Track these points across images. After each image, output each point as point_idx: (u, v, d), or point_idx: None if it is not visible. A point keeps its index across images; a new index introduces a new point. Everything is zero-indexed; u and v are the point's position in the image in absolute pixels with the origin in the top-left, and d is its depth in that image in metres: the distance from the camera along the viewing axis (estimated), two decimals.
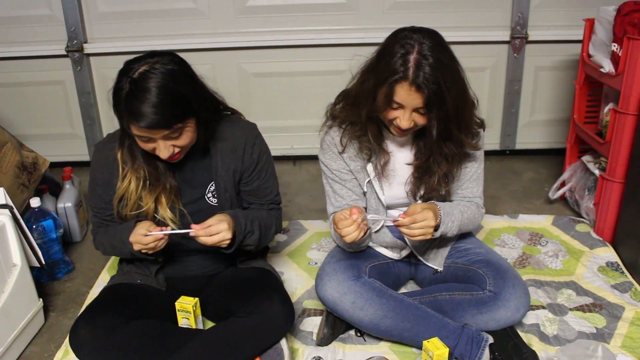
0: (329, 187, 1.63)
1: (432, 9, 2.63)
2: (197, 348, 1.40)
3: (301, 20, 2.66)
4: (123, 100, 1.32)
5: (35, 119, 2.84)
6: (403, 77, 1.32)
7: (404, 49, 1.33)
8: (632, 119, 1.89)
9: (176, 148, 1.39)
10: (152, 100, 1.29)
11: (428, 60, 1.31)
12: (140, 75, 1.31)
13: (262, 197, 1.63)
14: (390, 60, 1.34)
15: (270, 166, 1.63)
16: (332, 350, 1.57)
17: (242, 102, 2.81)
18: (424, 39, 1.34)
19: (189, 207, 1.54)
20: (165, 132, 1.34)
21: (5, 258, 1.61)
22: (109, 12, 2.66)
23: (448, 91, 1.33)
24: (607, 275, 1.86)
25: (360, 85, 1.45)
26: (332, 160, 1.59)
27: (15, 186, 1.95)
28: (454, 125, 1.42)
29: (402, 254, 1.68)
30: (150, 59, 1.34)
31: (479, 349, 1.44)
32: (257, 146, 1.57)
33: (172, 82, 1.32)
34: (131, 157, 1.47)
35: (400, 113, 1.38)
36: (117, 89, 1.33)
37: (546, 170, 2.73)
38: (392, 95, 1.35)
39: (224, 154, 1.53)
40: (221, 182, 1.54)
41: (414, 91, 1.33)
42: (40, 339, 1.71)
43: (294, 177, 2.77)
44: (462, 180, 1.60)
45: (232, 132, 1.54)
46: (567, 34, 2.60)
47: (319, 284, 1.56)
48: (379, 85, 1.37)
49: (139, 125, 1.31)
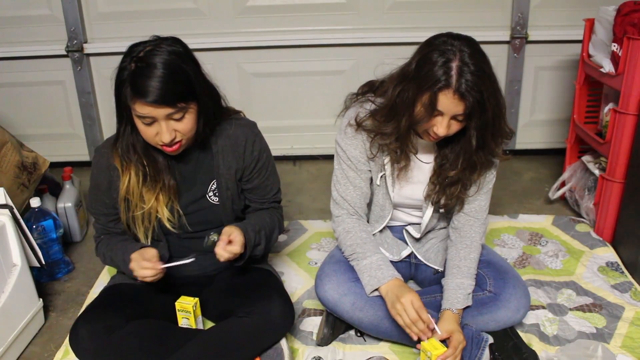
0: (340, 173, 1.58)
1: (432, 9, 2.63)
2: (196, 348, 1.40)
3: (301, 20, 2.66)
4: (128, 78, 1.31)
5: (35, 119, 2.84)
6: (446, 85, 1.30)
7: (445, 56, 1.31)
8: (632, 119, 1.89)
9: (177, 133, 1.38)
10: (159, 74, 1.30)
11: (470, 68, 1.30)
12: (146, 53, 1.32)
13: (263, 195, 1.62)
14: (431, 68, 1.31)
15: (271, 164, 1.62)
16: (332, 350, 1.57)
17: (242, 102, 2.80)
18: (464, 47, 1.32)
19: (190, 206, 1.54)
20: (169, 110, 1.33)
21: (5, 258, 1.61)
22: (109, 12, 2.66)
23: (488, 100, 1.32)
24: (607, 275, 1.86)
25: (399, 96, 1.40)
26: (353, 146, 1.53)
27: (15, 186, 1.95)
28: (490, 134, 1.41)
29: (403, 254, 1.67)
30: (155, 40, 1.37)
31: (479, 349, 1.44)
32: (257, 144, 1.56)
33: (177, 60, 1.34)
34: (130, 151, 1.45)
35: (439, 120, 1.36)
36: (122, 68, 1.34)
37: (546, 170, 2.73)
38: (435, 104, 1.32)
39: (225, 152, 1.53)
40: (223, 180, 1.54)
41: (457, 99, 1.31)
42: (40, 339, 1.71)
43: (294, 177, 2.76)
44: (478, 191, 1.56)
45: (233, 131, 1.54)
46: (567, 34, 2.60)
47: (318, 285, 1.56)
48: (420, 94, 1.34)
49: (145, 100, 1.30)
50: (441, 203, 1.54)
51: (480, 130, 1.39)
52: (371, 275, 1.49)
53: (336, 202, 1.60)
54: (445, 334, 1.41)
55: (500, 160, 1.54)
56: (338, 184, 1.59)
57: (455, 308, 1.47)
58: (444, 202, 1.54)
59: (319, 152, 2.90)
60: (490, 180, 1.57)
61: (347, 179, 1.56)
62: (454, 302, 1.48)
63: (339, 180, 1.58)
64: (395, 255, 1.66)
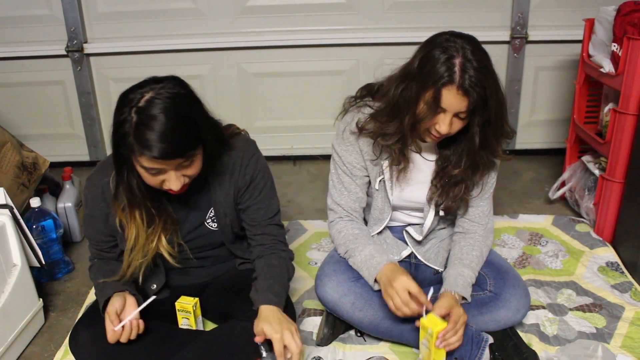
0: (336, 178, 1.59)
1: (432, 9, 2.63)
2: (197, 350, 1.40)
3: (301, 20, 2.66)
4: (132, 132, 1.21)
5: (35, 119, 2.84)
6: (449, 81, 1.30)
7: (447, 53, 1.31)
8: (632, 119, 1.89)
9: (186, 178, 1.31)
10: (165, 127, 1.20)
11: (473, 65, 1.30)
12: (147, 102, 1.21)
13: (254, 218, 1.53)
14: (434, 65, 1.31)
15: (267, 185, 1.52)
16: (332, 350, 1.57)
17: (242, 102, 2.81)
18: (466, 44, 1.32)
19: (189, 235, 1.50)
20: (180, 160, 1.25)
21: (5, 258, 1.61)
22: (109, 12, 2.66)
23: (491, 96, 1.33)
24: (607, 275, 1.86)
25: (401, 94, 1.39)
26: (349, 152, 1.54)
27: (15, 186, 1.95)
28: (492, 133, 1.41)
29: (402, 254, 1.67)
30: (154, 84, 1.25)
31: (479, 349, 1.44)
32: (250, 167, 1.48)
33: (182, 107, 1.24)
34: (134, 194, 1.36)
35: (441, 118, 1.36)
36: (121, 121, 1.22)
37: (546, 170, 2.73)
38: (438, 100, 1.32)
39: (222, 179, 1.48)
40: (220, 208, 1.49)
41: (460, 95, 1.31)
42: (40, 339, 1.71)
43: (294, 177, 2.76)
44: (480, 194, 1.56)
45: (230, 156, 1.48)
46: (567, 34, 2.60)
47: (318, 285, 1.56)
48: (423, 91, 1.34)
49: (152, 156, 1.20)
50: (444, 205, 1.54)
51: (483, 127, 1.39)
52: (368, 267, 1.49)
53: (330, 208, 1.62)
54: (445, 310, 1.39)
55: (501, 161, 1.54)
56: (333, 189, 1.60)
57: (454, 290, 1.46)
58: (448, 205, 1.54)
59: (319, 152, 2.89)
60: (492, 184, 1.58)
61: (342, 184, 1.58)
62: (452, 285, 1.48)
63: (335, 185, 1.59)
64: (396, 255, 1.66)
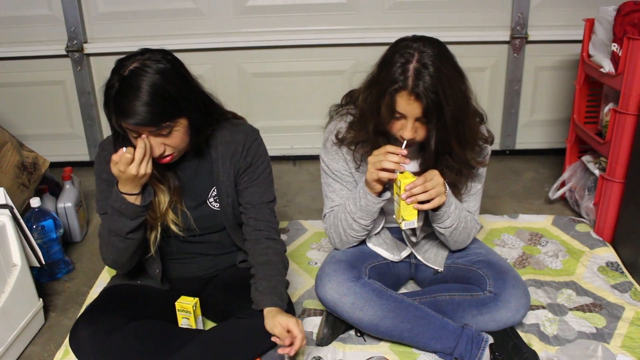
0: (327, 187, 1.63)
1: (432, 9, 2.63)
2: (197, 349, 1.40)
3: (301, 20, 2.66)
4: (112, 98, 1.31)
5: (35, 119, 2.84)
6: (402, 87, 1.32)
7: (404, 58, 1.32)
8: (632, 119, 1.89)
9: (167, 148, 1.38)
10: (141, 98, 1.28)
11: (428, 70, 1.30)
12: (131, 72, 1.30)
13: (249, 200, 1.56)
14: (390, 70, 1.33)
15: (265, 172, 1.57)
16: (332, 350, 1.57)
17: (242, 102, 2.81)
18: (425, 48, 1.33)
19: (192, 212, 1.53)
20: (152, 129, 1.33)
21: (5, 258, 1.61)
22: (109, 12, 2.67)
23: (447, 102, 1.32)
24: (607, 275, 1.86)
25: (365, 101, 1.42)
26: (334, 161, 1.59)
27: (15, 186, 1.95)
28: (453, 138, 1.40)
29: (402, 255, 1.67)
30: (142, 56, 1.34)
31: (479, 350, 1.44)
32: (252, 149, 1.54)
33: (162, 81, 1.31)
34: None
35: (403, 123, 1.38)
36: (108, 87, 1.33)
37: (546, 170, 2.73)
38: (393, 106, 1.34)
39: (225, 158, 1.52)
40: (223, 187, 1.53)
41: (413, 100, 1.32)
42: (40, 339, 1.71)
43: (294, 177, 2.76)
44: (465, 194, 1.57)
45: (233, 137, 1.52)
46: (567, 34, 2.60)
47: (318, 285, 1.56)
48: (381, 96, 1.36)
49: (127, 121, 1.31)
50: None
51: (440, 132, 1.39)
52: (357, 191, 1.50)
53: (325, 216, 1.64)
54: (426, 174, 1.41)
55: (477, 167, 1.53)
56: (326, 198, 1.64)
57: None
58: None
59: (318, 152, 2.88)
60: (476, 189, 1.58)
61: (334, 192, 1.61)
62: None
63: (327, 194, 1.63)
64: (395, 255, 1.66)
